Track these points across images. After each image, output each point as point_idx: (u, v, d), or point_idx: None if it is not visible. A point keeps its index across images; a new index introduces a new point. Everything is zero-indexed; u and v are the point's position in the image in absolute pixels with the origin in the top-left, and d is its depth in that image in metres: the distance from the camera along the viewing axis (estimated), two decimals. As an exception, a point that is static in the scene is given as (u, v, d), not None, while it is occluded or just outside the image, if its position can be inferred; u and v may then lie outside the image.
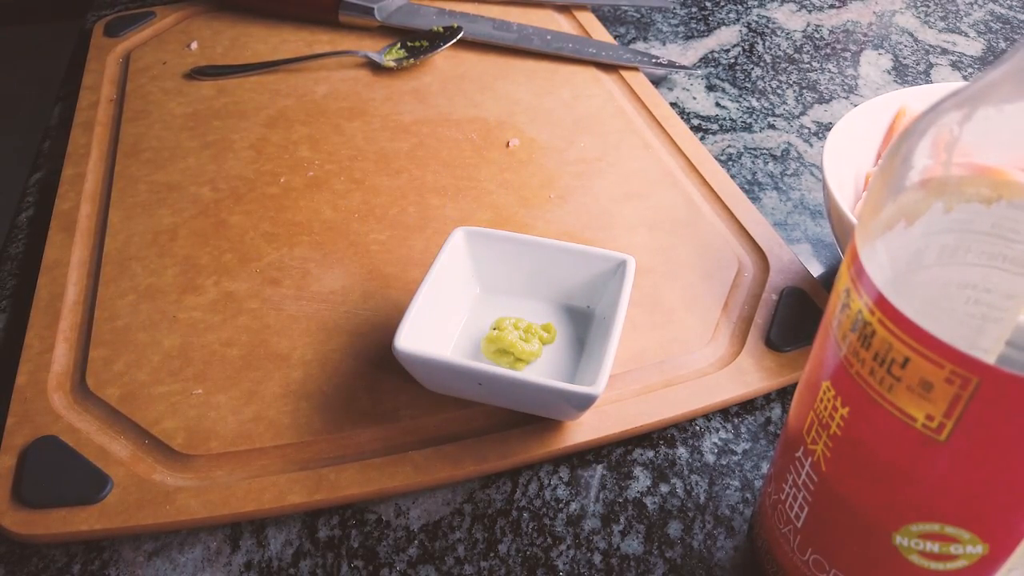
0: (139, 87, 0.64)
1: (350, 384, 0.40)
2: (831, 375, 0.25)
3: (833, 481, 0.26)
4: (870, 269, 0.22)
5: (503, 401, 0.39)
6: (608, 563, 0.35)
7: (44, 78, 2.13)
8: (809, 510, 0.27)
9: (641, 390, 0.40)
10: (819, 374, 0.25)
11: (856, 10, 0.80)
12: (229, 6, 0.74)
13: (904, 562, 0.25)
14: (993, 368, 0.20)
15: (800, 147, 0.60)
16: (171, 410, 0.39)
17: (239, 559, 0.35)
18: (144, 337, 0.43)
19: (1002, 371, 0.19)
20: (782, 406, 0.41)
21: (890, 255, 0.22)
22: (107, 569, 0.35)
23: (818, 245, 0.52)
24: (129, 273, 0.47)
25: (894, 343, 0.21)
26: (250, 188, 0.53)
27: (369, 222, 0.50)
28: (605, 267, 0.42)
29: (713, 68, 0.70)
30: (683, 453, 0.39)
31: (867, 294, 0.22)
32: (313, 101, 0.62)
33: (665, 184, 0.54)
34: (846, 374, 0.24)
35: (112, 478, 0.36)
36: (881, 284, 0.22)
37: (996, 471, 0.21)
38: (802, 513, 0.28)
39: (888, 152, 0.23)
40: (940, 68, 0.70)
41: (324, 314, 0.44)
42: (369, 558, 0.35)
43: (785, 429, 0.29)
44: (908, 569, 0.25)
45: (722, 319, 0.44)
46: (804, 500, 0.28)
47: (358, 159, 0.56)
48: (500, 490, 0.38)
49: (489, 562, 0.35)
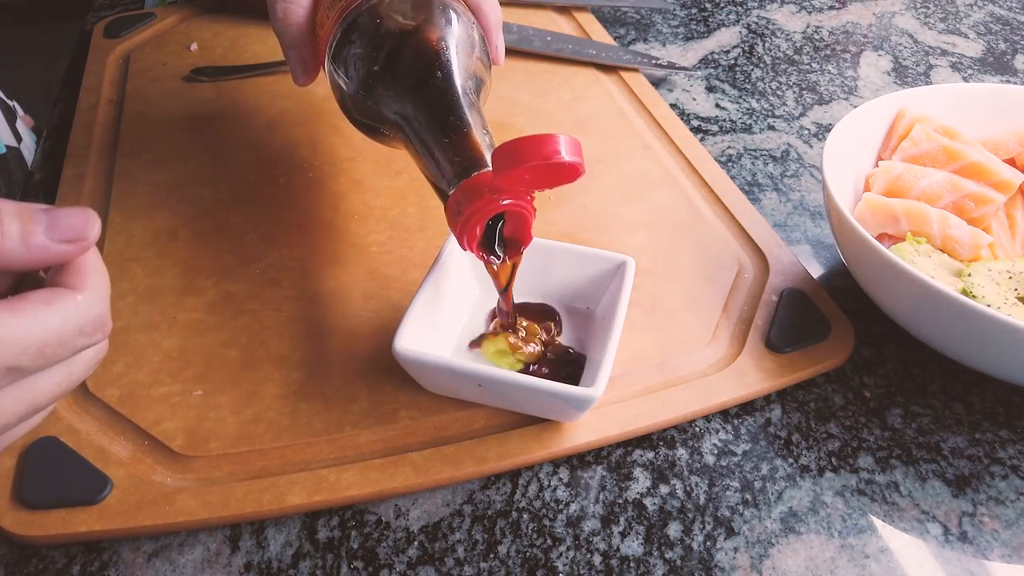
0: (139, 88, 0.64)
1: (350, 385, 0.40)
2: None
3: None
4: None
5: (503, 402, 0.39)
6: (608, 564, 0.35)
7: (44, 79, 2.13)
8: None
9: (641, 391, 0.40)
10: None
11: (856, 11, 0.80)
12: (229, 7, 0.74)
13: None
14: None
15: (800, 148, 0.60)
16: (171, 411, 0.39)
17: (239, 560, 0.35)
18: (144, 338, 0.43)
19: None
20: (782, 407, 0.41)
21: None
22: (107, 570, 0.35)
23: (818, 246, 0.52)
24: (129, 274, 0.47)
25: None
26: (250, 189, 0.53)
27: (368, 223, 0.50)
28: (605, 268, 0.42)
29: (713, 69, 0.70)
30: (683, 454, 0.39)
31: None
32: (312, 103, 0.62)
33: (665, 185, 0.54)
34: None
35: (112, 479, 0.36)
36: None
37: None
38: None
39: None
40: (940, 69, 0.70)
41: (323, 315, 0.44)
42: (369, 559, 0.35)
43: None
44: None
45: (722, 320, 0.44)
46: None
47: (357, 160, 0.56)
48: (500, 491, 0.38)
49: (489, 563, 0.35)
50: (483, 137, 0.36)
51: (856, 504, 0.37)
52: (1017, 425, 0.41)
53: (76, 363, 0.28)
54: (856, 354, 0.44)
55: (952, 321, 0.37)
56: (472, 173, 0.34)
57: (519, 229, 0.37)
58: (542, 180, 0.33)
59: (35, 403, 0.27)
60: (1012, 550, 0.35)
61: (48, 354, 0.26)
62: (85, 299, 0.27)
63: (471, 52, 0.40)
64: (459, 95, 0.37)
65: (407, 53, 0.38)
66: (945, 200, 0.46)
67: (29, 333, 0.25)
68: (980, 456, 0.39)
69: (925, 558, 0.35)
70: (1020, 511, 0.37)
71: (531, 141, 0.31)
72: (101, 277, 0.28)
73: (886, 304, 0.42)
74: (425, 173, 0.38)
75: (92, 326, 0.27)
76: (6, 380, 0.25)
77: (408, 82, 0.38)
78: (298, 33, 0.43)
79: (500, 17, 0.44)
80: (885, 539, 0.36)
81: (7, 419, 0.26)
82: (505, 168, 0.32)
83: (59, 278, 0.27)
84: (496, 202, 0.34)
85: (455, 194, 0.34)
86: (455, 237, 0.35)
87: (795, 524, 0.36)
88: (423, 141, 0.37)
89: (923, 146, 0.48)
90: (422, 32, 0.39)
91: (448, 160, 0.35)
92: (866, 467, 0.39)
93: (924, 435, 0.40)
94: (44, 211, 0.26)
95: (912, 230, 0.44)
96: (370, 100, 0.40)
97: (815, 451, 0.39)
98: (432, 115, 0.37)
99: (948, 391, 0.42)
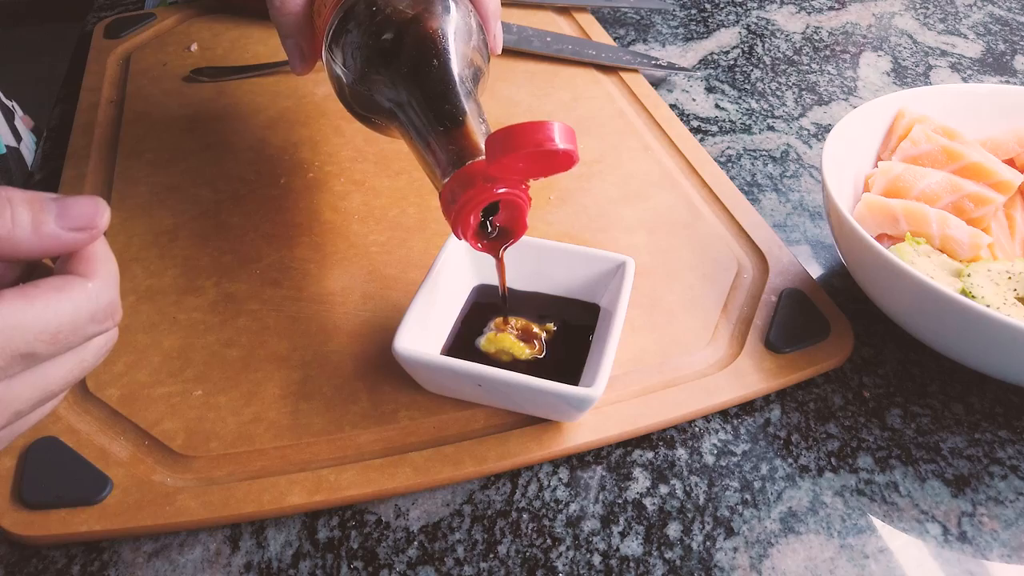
0: (139, 88, 0.64)
1: (350, 385, 0.40)
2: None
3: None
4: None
5: (502, 402, 0.39)
6: (607, 564, 0.35)
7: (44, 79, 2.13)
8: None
9: (640, 391, 0.40)
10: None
11: (855, 12, 0.80)
12: (229, 7, 0.74)
13: None
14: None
15: (799, 149, 0.60)
16: (171, 411, 0.39)
17: (239, 560, 0.35)
18: (144, 338, 0.43)
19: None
20: (781, 407, 0.41)
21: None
22: (107, 570, 0.35)
23: (817, 246, 0.52)
24: (129, 274, 0.47)
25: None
26: (250, 189, 0.53)
27: (369, 223, 0.50)
28: (604, 268, 0.42)
29: (712, 70, 0.70)
30: (682, 454, 0.39)
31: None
32: (313, 103, 0.62)
33: (664, 186, 0.54)
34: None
35: (112, 479, 0.36)
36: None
37: None
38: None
39: None
40: (939, 70, 0.70)
41: (324, 315, 0.44)
42: (369, 559, 0.35)
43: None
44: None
45: (721, 320, 0.44)
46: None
47: (358, 160, 0.56)
48: (500, 491, 0.38)
49: (489, 563, 0.35)
50: (479, 126, 0.36)
51: (855, 504, 0.37)
52: (1016, 425, 0.41)
53: (87, 350, 0.28)
54: (855, 354, 0.44)
55: (951, 321, 0.37)
56: (467, 162, 0.34)
57: (514, 218, 0.37)
58: (536, 168, 0.33)
59: (48, 390, 0.27)
60: (1011, 550, 0.35)
61: (61, 341, 0.26)
62: (96, 286, 0.27)
63: (469, 40, 0.40)
64: (456, 84, 0.37)
65: (404, 41, 0.38)
66: (944, 200, 0.46)
67: (42, 320, 0.25)
68: (979, 456, 0.39)
69: (924, 558, 0.35)
70: (1019, 511, 0.37)
71: (524, 128, 0.31)
72: (111, 265, 0.28)
73: (885, 304, 0.42)
74: (421, 162, 0.38)
75: (103, 313, 0.27)
76: (20, 367, 0.25)
77: (404, 70, 0.38)
78: (295, 22, 0.44)
79: (499, 6, 0.44)
80: (884, 539, 0.36)
81: (21, 405, 0.26)
82: (498, 156, 0.31)
83: (69, 266, 0.27)
84: (490, 191, 0.34)
85: (449, 183, 0.34)
86: (450, 226, 0.35)
87: (794, 524, 0.36)
88: (419, 130, 0.37)
89: (922, 146, 0.48)
90: (419, 20, 0.39)
91: (443, 149, 0.35)
92: (865, 467, 0.39)
93: (923, 435, 0.40)
94: (54, 199, 0.26)
95: (911, 230, 0.44)
96: (367, 89, 0.40)
97: (814, 451, 0.39)
98: (428, 103, 0.37)
99: (947, 391, 0.42)
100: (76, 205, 0.26)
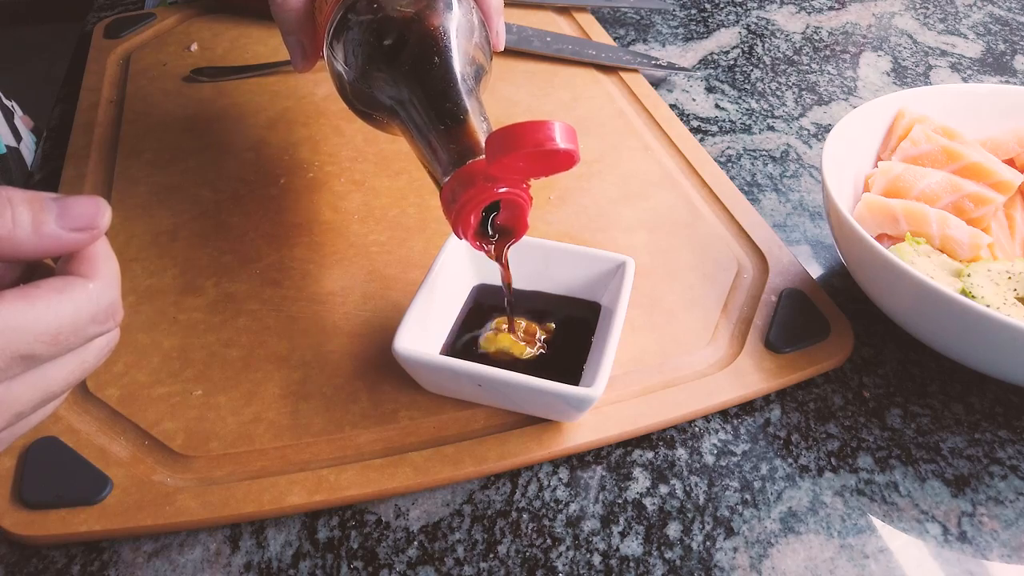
0: (139, 88, 0.64)
1: (349, 385, 0.40)
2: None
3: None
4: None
5: (502, 402, 0.39)
6: (607, 564, 0.35)
7: (44, 79, 2.13)
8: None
9: (640, 391, 0.40)
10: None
11: (855, 12, 0.80)
12: (229, 7, 0.74)
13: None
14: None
15: (799, 149, 0.60)
16: (171, 411, 0.39)
17: (239, 560, 0.35)
18: (144, 338, 0.43)
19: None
20: (781, 407, 0.41)
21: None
22: (107, 570, 0.35)
23: (817, 246, 0.52)
24: (129, 274, 0.47)
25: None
26: (250, 189, 0.53)
27: (369, 223, 0.50)
28: (604, 268, 0.42)
29: (712, 70, 0.70)
30: (682, 454, 0.39)
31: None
32: (313, 103, 0.62)
33: (664, 186, 0.54)
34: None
35: (112, 479, 0.36)
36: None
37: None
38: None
39: None
40: (939, 70, 0.70)
41: (324, 315, 0.44)
42: (369, 559, 0.35)
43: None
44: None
45: (721, 320, 0.44)
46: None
47: (358, 160, 0.56)
48: (500, 491, 0.38)
49: (488, 563, 0.35)
50: (480, 124, 0.36)
51: (855, 504, 0.37)
52: (1016, 425, 0.41)
53: (88, 351, 0.28)
54: (855, 354, 0.44)
55: (951, 321, 0.37)
56: (468, 161, 0.34)
57: (515, 217, 0.37)
58: (537, 168, 0.33)
59: (49, 391, 0.27)
60: (1011, 550, 0.35)
61: (62, 342, 0.26)
62: (97, 287, 0.27)
63: (471, 37, 0.40)
64: (457, 81, 0.37)
65: (405, 38, 0.38)
66: (944, 200, 0.46)
67: (43, 321, 0.25)
68: (979, 456, 0.39)
69: (924, 558, 0.35)
70: (1019, 511, 0.37)
71: (525, 128, 0.31)
72: (112, 265, 0.28)
73: (885, 304, 0.42)
74: (422, 160, 0.37)
75: (104, 314, 0.27)
76: (21, 368, 0.25)
77: (405, 68, 0.38)
78: (297, 19, 0.44)
79: (501, 2, 0.44)
80: (884, 539, 0.36)
81: (22, 407, 0.26)
82: (499, 155, 0.31)
83: (70, 266, 0.27)
84: (491, 190, 0.33)
85: (450, 182, 0.34)
86: (450, 226, 0.35)
87: (794, 524, 0.36)
88: (420, 128, 0.37)
89: (922, 146, 0.48)
90: (421, 16, 0.39)
91: (444, 147, 0.35)
92: (865, 467, 0.39)
93: (923, 435, 0.40)
94: (55, 199, 0.26)
95: (911, 230, 0.44)
96: (368, 86, 0.40)
97: (814, 451, 0.39)
98: (429, 101, 0.37)
99: (947, 391, 0.42)
100: (77, 205, 0.26)
